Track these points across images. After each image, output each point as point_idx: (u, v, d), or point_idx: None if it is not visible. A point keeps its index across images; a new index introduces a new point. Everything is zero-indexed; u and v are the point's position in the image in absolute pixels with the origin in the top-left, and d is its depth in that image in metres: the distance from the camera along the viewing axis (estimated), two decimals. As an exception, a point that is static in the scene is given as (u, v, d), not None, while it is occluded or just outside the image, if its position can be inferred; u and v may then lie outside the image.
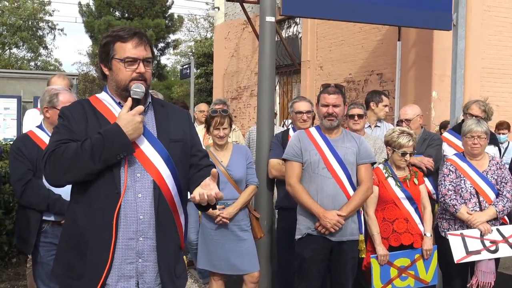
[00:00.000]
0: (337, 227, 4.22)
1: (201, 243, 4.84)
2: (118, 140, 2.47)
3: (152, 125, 2.67)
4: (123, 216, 2.55)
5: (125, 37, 2.59)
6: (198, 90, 23.92)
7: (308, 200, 4.28)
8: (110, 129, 2.50)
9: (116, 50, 2.58)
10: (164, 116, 2.72)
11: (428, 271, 4.64)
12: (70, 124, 2.61)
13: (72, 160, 2.48)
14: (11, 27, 34.99)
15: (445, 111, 7.87)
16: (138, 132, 2.53)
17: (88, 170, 2.49)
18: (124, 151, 2.50)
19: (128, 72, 2.58)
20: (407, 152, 4.58)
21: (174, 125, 2.72)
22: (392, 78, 9.45)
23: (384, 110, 5.91)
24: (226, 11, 15.82)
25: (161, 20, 27.94)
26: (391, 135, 4.69)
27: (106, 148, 2.46)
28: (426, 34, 8.52)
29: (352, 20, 7.42)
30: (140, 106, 2.55)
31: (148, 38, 2.65)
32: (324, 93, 4.43)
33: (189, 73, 16.55)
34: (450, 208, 4.72)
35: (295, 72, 12.59)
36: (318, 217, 4.24)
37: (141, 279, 2.59)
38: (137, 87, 2.56)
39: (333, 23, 10.74)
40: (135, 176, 2.58)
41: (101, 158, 2.47)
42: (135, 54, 2.57)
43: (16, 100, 11.57)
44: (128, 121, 2.50)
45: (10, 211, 6.36)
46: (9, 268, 6.49)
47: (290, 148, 4.49)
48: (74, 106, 2.71)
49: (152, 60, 2.66)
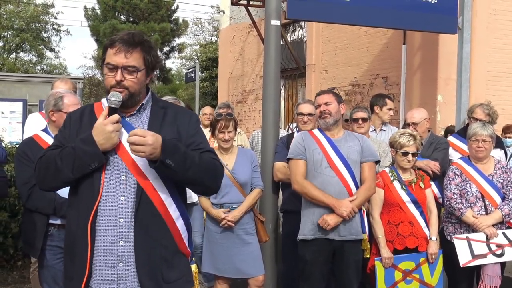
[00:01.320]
0: (352, 214, 4.25)
1: (206, 247, 4.83)
2: (89, 149, 2.45)
3: (144, 127, 2.60)
4: (103, 220, 2.51)
5: (112, 43, 2.54)
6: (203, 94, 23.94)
7: (319, 193, 4.29)
8: (83, 138, 2.49)
9: (106, 55, 2.56)
10: (160, 117, 2.65)
11: (433, 275, 4.62)
12: (65, 130, 2.63)
13: (50, 168, 2.51)
14: (16, 30, 35.20)
15: (451, 115, 7.85)
16: (111, 142, 2.47)
17: (64, 179, 2.51)
18: (95, 161, 2.46)
19: (109, 79, 2.53)
20: (409, 152, 4.57)
21: (168, 126, 2.63)
22: (397, 82, 9.44)
23: (388, 114, 5.90)
24: (231, 14, 15.84)
25: (167, 24, 28.05)
26: (393, 136, 4.72)
27: (77, 157, 2.46)
28: (431, 37, 8.51)
29: (357, 24, 7.42)
30: (114, 116, 2.48)
31: (144, 46, 2.56)
32: (316, 96, 4.59)
33: (194, 76, 16.58)
34: (456, 211, 4.71)
35: (300, 75, 12.59)
36: (333, 207, 4.25)
37: (123, 283, 2.53)
38: (113, 95, 2.50)
39: (338, 27, 10.75)
40: (119, 179, 2.54)
41: (74, 167, 2.46)
42: (114, 61, 2.51)
43: (22, 103, 11.60)
44: (100, 130, 2.46)
45: (15, 214, 6.38)
46: (15, 271, 6.50)
47: (294, 147, 4.51)
48: (76, 111, 2.74)
49: (138, 69, 2.53)
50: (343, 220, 4.27)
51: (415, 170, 4.74)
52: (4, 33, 35.68)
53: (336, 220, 4.26)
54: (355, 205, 4.28)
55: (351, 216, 4.28)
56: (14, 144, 7.88)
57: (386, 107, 5.88)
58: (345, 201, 4.27)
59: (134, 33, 2.59)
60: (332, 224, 4.25)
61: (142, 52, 2.55)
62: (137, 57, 2.53)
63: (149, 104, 2.69)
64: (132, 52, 2.52)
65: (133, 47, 2.52)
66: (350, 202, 4.27)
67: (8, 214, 6.32)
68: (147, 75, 2.61)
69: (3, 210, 6.28)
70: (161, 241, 2.57)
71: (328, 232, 4.30)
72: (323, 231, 4.32)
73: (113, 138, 2.47)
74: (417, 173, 4.72)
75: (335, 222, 4.26)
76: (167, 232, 2.59)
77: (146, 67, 2.57)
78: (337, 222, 4.27)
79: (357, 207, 4.32)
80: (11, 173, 6.27)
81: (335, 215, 4.26)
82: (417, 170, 4.78)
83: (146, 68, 2.57)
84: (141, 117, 2.64)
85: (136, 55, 2.53)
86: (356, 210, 4.30)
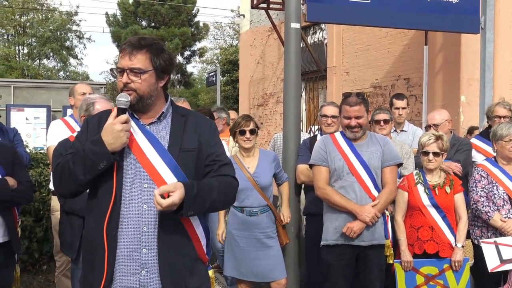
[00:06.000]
0: (374, 220, 4.23)
1: (228, 250, 4.84)
2: (97, 149, 2.47)
3: (166, 135, 2.63)
4: (125, 227, 2.53)
5: (121, 47, 2.61)
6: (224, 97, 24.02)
7: (341, 199, 4.30)
8: (92, 139, 2.52)
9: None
10: (181, 125, 2.67)
11: (460, 282, 4.52)
12: (82, 136, 2.67)
13: (64, 173, 2.55)
14: (40, 38, 35.68)
15: (474, 116, 7.75)
16: (120, 141, 2.49)
17: (78, 182, 2.53)
18: (104, 160, 2.48)
19: (119, 82, 2.59)
20: (429, 151, 4.51)
21: (190, 134, 2.65)
22: (420, 83, 9.34)
23: (396, 113, 5.87)
24: (251, 18, 15.85)
25: (187, 29, 28.19)
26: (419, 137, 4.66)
27: (86, 158, 2.48)
28: (453, 38, 8.41)
29: (378, 25, 7.37)
30: (123, 116, 2.51)
31: (152, 48, 2.57)
32: (346, 105, 4.38)
33: (215, 80, 16.65)
34: (483, 215, 4.63)
35: (321, 78, 12.53)
36: (355, 213, 4.24)
37: None
38: (121, 96, 2.54)
39: (358, 29, 10.68)
40: (141, 187, 2.56)
41: (85, 169, 2.49)
42: (120, 64, 2.57)
43: (46, 109, 11.77)
44: (108, 130, 2.49)
45: (40, 219, 6.46)
46: (40, 275, 6.57)
47: (317, 153, 4.50)
48: (94, 117, 2.77)
49: (143, 70, 2.54)
50: (366, 225, 4.25)
51: (447, 174, 4.65)
52: (28, 40, 36.22)
53: (360, 226, 4.25)
54: (377, 210, 4.26)
55: (374, 221, 4.25)
56: (38, 150, 7.98)
57: (394, 107, 5.92)
58: (367, 207, 4.25)
59: (143, 37, 2.63)
60: (357, 231, 4.24)
61: (149, 53, 2.57)
62: (142, 59, 2.56)
63: (170, 112, 2.71)
64: (136, 54, 2.55)
65: (138, 50, 2.55)
66: (372, 207, 4.25)
67: (33, 218, 6.40)
68: (157, 77, 2.61)
69: (28, 214, 6.36)
70: (183, 249, 2.60)
71: (351, 238, 4.29)
72: (346, 237, 4.30)
73: (122, 138, 2.49)
74: (446, 177, 4.61)
75: (360, 228, 4.25)
76: (189, 240, 2.62)
77: (154, 69, 2.59)
78: (362, 228, 4.26)
79: (380, 211, 4.29)
80: (35, 178, 6.36)
81: (359, 221, 4.24)
82: (447, 174, 4.68)
83: (154, 70, 2.58)
84: (162, 126, 2.67)
85: (141, 57, 2.56)
86: (379, 215, 4.27)
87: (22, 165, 4.05)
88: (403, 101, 5.99)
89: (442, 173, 4.62)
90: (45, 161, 6.74)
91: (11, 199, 3.76)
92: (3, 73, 31.77)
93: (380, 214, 4.28)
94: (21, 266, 4.64)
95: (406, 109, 6.00)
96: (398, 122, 5.91)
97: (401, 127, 5.95)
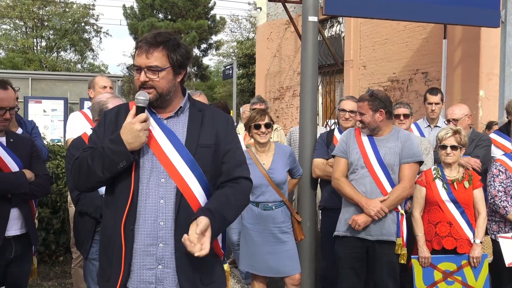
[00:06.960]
0: (380, 214, 4.21)
1: (243, 245, 4.84)
2: (117, 149, 2.46)
3: (183, 130, 2.62)
4: (142, 222, 2.53)
5: (137, 44, 2.58)
6: (240, 91, 24.04)
7: (351, 190, 4.34)
8: (111, 138, 2.51)
9: (134, 57, 2.61)
10: (198, 120, 2.65)
11: (478, 278, 4.48)
12: (99, 129, 2.66)
13: (82, 169, 2.54)
14: (58, 30, 35.92)
15: (493, 111, 7.66)
16: (139, 140, 2.48)
17: (97, 178, 2.53)
18: (123, 160, 2.47)
19: (136, 80, 2.57)
20: (447, 145, 4.47)
21: (207, 130, 2.64)
22: (438, 77, 9.25)
23: (430, 108, 5.83)
24: (268, 11, 15.80)
25: (204, 21, 28.16)
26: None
27: (106, 157, 2.48)
28: (473, 31, 8.31)
29: (397, 19, 7.30)
30: (142, 114, 2.50)
31: (168, 44, 2.54)
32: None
33: (232, 73, 16.62)
34: (501, 210, 4.58)
35: (338, 71, 12.48)
36: (361, 206, 4.26)
37: (161, 285, 2.55)
38: (139, 94, 2.53)
39: (376, 22, 10.60)
40: (158, 182, 2.56)
41: (104, 167, 2.48)
42: (137, 62, 2.55)
43: (63, 101, 11.85)
44: (128, 130, 2.47)
45: (57, 211, 6.52)
46: (57, 266, 6.64)
47: (339, 145, 4.59)
48: (111, 110, 2.75)
49: (161, 68, 2.52)
50: (373, 219, 4.24)
51: (466, 169, 4.61)
52: (46, 33, 36.49)
53: (365, 220, 4.25)
54: (385, 205, 4.23)
55: (380, 216, 4.23)
56: (56, 142, 8.04)
57: (427, 102, 5.85)
58: (374, 200, 4.24)
59: (159, 33, 2.59)
60: (362, 225, 4.25)
61: (165, 50, 2.54)
62: (159, 56, 2.53)
63: (187, 106, 2.70)
64: (153, 52, 2.52)
65: (154, 47, 2.53)
66: (381, 201, 4.23)
67: (50, 210, 6.45)
68: (175, 73, 2.60)
69: (45, 206, 6.42)
70: None
71: (359, 231, 4.32)
72: (353, 230, 4.34)
73: (141, 137, 2.48)
74: (465, 172, 4.56)
75: (364, 221, 4.25)
76: None
77: (172, 65, 2.57)
78: (366, 221, 4.26)
79: (388, 207, 4.25)
80: (52, 170, 6.41)
81: (364, 214, 4.26)
82: (466, 169, 4.62)
83: (172, 66, 2.56)
84: (179, 120, 2.65)
85: (158, 54, 2.53)
86: (386, 210, 4.23)
87: (40, 158, 4.06)
88: (437, 96, 5.80)
89: (460, 168, 4.57)
90: (62, 153, 6.79)
91: (29, 192, 3.77)
92: (22, 65, 32.05)
93: (387, 210, 4.23)
94: (38, 258, 4.66)
95: (439, 105, 5.81)
96: (431, 118, 5.80)
97: (435, 122, 5.81)
